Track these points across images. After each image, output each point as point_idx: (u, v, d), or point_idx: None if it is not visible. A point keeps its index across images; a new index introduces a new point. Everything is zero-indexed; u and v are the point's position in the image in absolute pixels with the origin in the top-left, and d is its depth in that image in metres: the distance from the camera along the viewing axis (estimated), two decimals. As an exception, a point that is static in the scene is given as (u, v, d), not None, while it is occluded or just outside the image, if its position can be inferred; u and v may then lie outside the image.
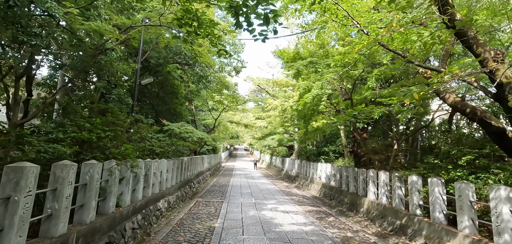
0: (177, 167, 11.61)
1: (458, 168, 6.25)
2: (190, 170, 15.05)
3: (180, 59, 11.89)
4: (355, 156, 12.25)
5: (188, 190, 13.19)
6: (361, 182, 10.40)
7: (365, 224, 8.65)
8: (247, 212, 9.23)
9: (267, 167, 39.35)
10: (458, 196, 5.62)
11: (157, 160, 8.79)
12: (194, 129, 11.58)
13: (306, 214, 9.49)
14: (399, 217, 7.55)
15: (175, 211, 9.40)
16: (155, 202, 8.22)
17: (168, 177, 10.15)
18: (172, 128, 10.66)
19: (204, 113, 22.53)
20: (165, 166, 9.56)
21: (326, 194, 13.75)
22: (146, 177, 7.87)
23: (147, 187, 7.84)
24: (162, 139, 9.78)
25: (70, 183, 4.03)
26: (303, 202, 12.15)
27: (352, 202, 10.74)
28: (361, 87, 9.93)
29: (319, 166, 16.18)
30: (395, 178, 8.06)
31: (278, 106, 17.92)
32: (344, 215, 10.02)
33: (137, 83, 8.27)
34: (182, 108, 14.91)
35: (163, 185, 9.39)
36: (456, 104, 5.99)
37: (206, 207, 9.97)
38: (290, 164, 24.51)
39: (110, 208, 5.40)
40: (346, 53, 7.35)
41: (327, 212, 10.19)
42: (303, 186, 18.18)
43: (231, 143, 44.70)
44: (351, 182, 11.23)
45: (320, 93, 8.32)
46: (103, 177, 5.46)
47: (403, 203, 7.87)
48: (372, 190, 9.60)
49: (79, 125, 5.28)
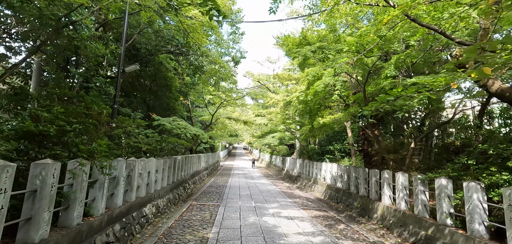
0: (170, 166, 10.51)
1: (505, 170, 5.16)
2: (185, 169, 13.94)
3: (173, 48, 10.78)
4: (365, 155, 11.18)
5: (182, 192, 12.09)
6: (374, 184, 9.33)
7: (381, 233, 7.58)
8: (247, 218, 8.14)
9: (267, 166, 38.30)
10: (508, 206, 4.54)
11: (143, 159, 7.69)
12: (187, 125, 10.47)
13: (313, 220, 8.41)
14: (424, 227, 6.47)
15: (165, 216, 8.29)
16: (140, 208, 7.11)
17: (157, 178, 9.05)
18: (162, 122, 9.55)
19: (202, 110, 21.40)
20: (154, 165, 8.46)
21: (332, 197, 12.68)
22: (129, 178, 6.77)
23: (130, 191, 6.73)
24: (151, 135, 8.67)
25: (1, 191, 2.92)
26: (308, 205, 11.08)
27: (363, 206, 9.67)
28: (373, 79, 8.86)
29: (323, 166, 15.11)
30: (418, 180, 6.98)
31: (280, 101, 16.82)
32: (355, 221, 8.94)
33: (121, 70, 7.17)
34: (177, 103, 13.79)
35: (151, 187, 8.29)
36: (503, 93, 4.93)
37: (200, 212, 8.88)
38: (291, 163, 23.44)
39: (74, 219, 4.29)
40: (362, 35, 6.27)
41: (335, 217, 9.11)
42: (305, 187, 17.11)
43: (230, 141, 43.64)
44: (362, 184, 10.15)
45: (332, 81, 7.21)
46: (66, 181, 4.36)
47: (427, 210, 6.79)
48: (387, 193, 8.53)
49: (34, 115, 4.17)
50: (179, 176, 12.19)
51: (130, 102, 11.83)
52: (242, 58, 14.13)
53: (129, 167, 6.83)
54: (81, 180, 4.44)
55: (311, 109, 10.01)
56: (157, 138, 8.87)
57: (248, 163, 42.13)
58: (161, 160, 9.27)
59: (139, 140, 8.06)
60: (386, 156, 8.88)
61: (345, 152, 16.79)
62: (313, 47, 8.07)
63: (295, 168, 21.74)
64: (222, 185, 16.57)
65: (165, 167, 9.85)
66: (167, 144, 9.45)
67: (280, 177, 24.58)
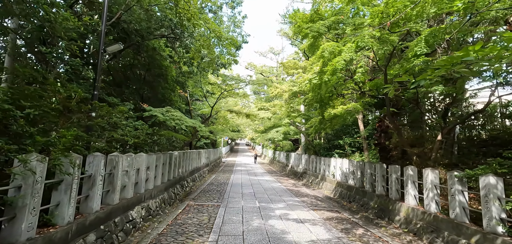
0: (164, 163, 9.48)
1: None
2: (183, 166, 12.91)
3: (166, 31, 9.67)
4: (382, 150, 10.05)
5: (179, 190, 11.07)
6: (394, 181, 8.22)
7: (408, 239, 6.49)
8: (250, 222, 7.08)
9: (270, 162, 37.27)
10: None
11: (131, 154, 6.64)
12: (183, 116, 9.40)
13: (326, 224, 7.33)
14: (464, 234, 5.37)
15: (157, 220, 7.26)
16: (126, 211, 6.07)
17: (149, 176, 8.02)
18: (154, 113, 8.48)
19: (201, 103, 20.29)
20: (144, 161, 7.42)
21: (342, 195, 11.59)
22: (111, 177, 5.73)
23: (112, 192, 5.69)
24: (141, 127, 7.60)
25: None
26: (318, 205, 10.00)
27: (381, 207, 8.58)
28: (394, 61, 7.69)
29: (332, 162, 14.01)
30: (454, 178, 5.87)
31: (286, 91, 15.63)
32: (373, 224, 7.86)
33: (102, 50, 6.09)
34: (174, 95, 12.71)
35: (141, 186, 7.25)
36: None
37: (198, 214, 7.84)
38: (296, 159, 22.35)
39: (22, 232, 3.25)
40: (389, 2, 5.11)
41: (351, 220, 8.03)
42: (312, 184, 16.03)
43: (231, 137, 42.59)
44: (379, 182, 9.05)
45: (354, 57, 6.03)
46: (12, 183, 3.30)
47: (467, 215, 5.68)
48: (412, 192, 7.42)
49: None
50: (175, 173, 11.16)
51: (122, 93, 10.77)
52: (244, 43, 12.98)
53: (111, 163, 5.78)
54: (33, 181, 3.38)
55: (322, 98, 8.88)
56: (148, 130, 7.81)
57: (251, 159, 41.17)
58: (154, 156, 8.23)
59: (126, 132, 7.00)
60: (409, 150, 7.76)
61: (355, 147, 15.64)
62: (328, 22, 6.90)
63: (301, 164, 20.66)
64: (224, 182, 15.55)
65: (158, 163, 8.81)
66: (161, 138, 8.40)
67: (284, 174, 23.52)
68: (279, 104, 21.11)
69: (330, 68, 5.86)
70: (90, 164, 4.94)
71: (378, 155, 10.61)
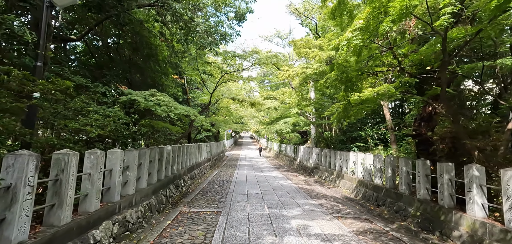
0: (152, 160, 7.70)
1: None
2: (179, 162, 11.15)
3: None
4: (421, 143, 8.10)
5: (173, 192, 9.30)
6: (447, 184, 6.29)
7: (483, 269, 4.60)
8: (260, 240, 5.26)
9: (276, 155, 35.50)
10: None
11: (95, 150, 4.82)
12: (171, 100, 7.54)
13: (360, 240, 5.48)
14: None
15: (135, 237, 5.48)
16: (82, 233, 4.27)
17: (129, 178, 6.23)
18: (134, 97, 6.64)
19: (201, 91, 18.41)
20: (118, 160, 5.61)
21: (367, 196, 9.72)
22: (56, 186, 3.92)
23: (58, 206, 3.89)
24: (112, 113, 5.77)
25: None
26: (341, 210, 8.15)
27: (426, 216, 6.69)
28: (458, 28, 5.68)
29: (351, 156, 12.11)
30: None
31: (299, 74, 13.54)
32: (420, 239, 6.00)
33: (46, 4, 4.26)
34: (166, 79, 10.86)
35: (113, 193, 5.47)
36: None
37: (191, 227, 6.04)
38: (306, 153, 20.47)
39: None
40: None
41: (389, 233, 6.17)
42: (326, 182, 14.18)
43: (235, 129, 40.77)
44: (422, 183, 7.14)
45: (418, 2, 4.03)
46: None
47: None
48: (478, 200, 5.50)
49: None
50: (169, 172, 9.39)
51: (103, 76, 8.94)
52: (249, 13, 10.93)
53: (57, 165, 3.97)
54: None
55: (348, 77, 6.95)
56: (123, 119, 5.99)
57: (255, 152, 39.67)
58: (134, 152, 6.42)
59: (90, 121, 5.19)
60: (469, 143, 5.82)
61: (379, 139, 13.65)
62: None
63: (311, 158, 18.79)
64: (227, 179, 13.79)
65: (143, 161, 7.02)
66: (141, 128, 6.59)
67: (292, 168, 21.71)
68: (288, 92, 19.14)
69: (398, 4, 3.88)
70: (8, 168, 3.12)
71: (414, 149, 8.70)
